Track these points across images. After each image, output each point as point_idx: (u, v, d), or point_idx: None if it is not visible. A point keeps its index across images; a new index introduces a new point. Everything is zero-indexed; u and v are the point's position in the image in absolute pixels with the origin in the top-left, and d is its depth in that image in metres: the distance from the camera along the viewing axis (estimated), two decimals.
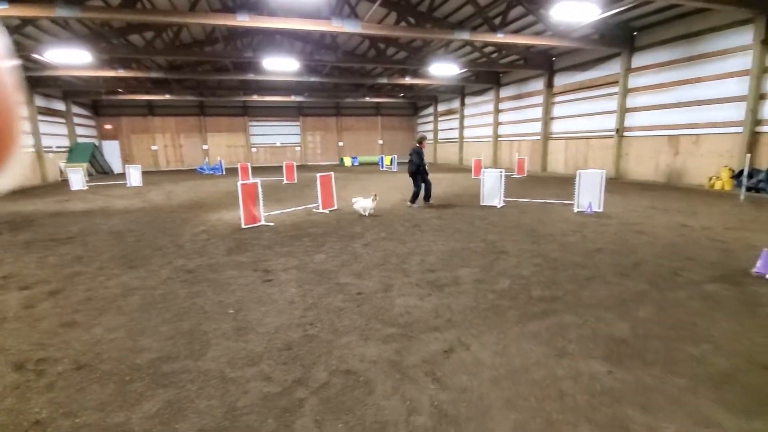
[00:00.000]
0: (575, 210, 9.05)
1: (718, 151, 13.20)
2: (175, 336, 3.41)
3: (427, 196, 10.50)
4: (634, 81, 15.71)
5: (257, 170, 27.33)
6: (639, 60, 15.45)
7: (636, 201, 10.50)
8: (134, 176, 17.65)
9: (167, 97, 26.62)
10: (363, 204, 8.88)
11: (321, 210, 9.57)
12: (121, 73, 17.36)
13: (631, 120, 15.96)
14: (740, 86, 12.34)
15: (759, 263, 4.72)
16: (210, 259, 5.77)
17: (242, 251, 6.14)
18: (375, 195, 8.99)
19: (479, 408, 2.43)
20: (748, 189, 11.15)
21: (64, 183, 17.27)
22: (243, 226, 7.79)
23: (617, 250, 5.84)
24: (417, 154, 9.98)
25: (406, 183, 16.45)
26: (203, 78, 20.38)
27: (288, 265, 5.39)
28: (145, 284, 4.73)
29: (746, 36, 12.08)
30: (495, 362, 2.93)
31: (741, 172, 11.92)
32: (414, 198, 10.29)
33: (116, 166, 28.77)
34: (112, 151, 29.55)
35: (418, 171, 10.07)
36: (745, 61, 12.13)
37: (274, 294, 4.33)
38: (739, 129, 12.36)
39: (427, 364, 2.92)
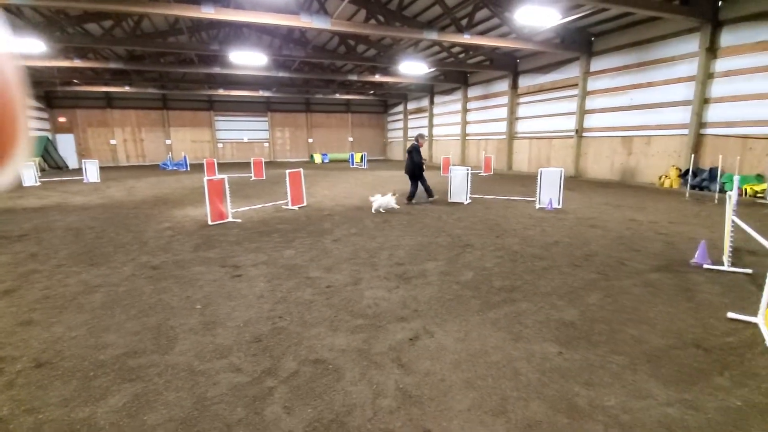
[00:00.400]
0: (537, 206, 9.50)
1: (667, 152, 14.17)
2: (141, 332, 3.38)
3: (430, 193, 10.47)
4: (592, 84, 16.55)
5: (224, 166, 26.67)
6: (597, 64, 16.29)
7: (592, 198, 11.13)
8: (91, 171, 16.81)
9: (127, 89, 25.44)
10: (382, 201, 8.81)
11: (290, 206, 9.54)
12: (77, 63, 16.45)
13: (589, 121, 16.82)
14: (687, 91, 13.28)
15: (697, 254, 5.19)
16: (176, 255, 5.68)
17: (209, 247, 6.07)
18: (394, 191, 9.08)
19: (441, 389, 2.59)
20: (693, 187, 12.07)
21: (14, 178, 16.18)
22: (210, 222, 7.67)
23: (572, 243, 6.22)
24: (417, 151, 9.98)
25: (376, 180, 16.70)
26: (165, 70, 19.62)
27: (257, 260, 5.39)
28: (108, 281, 4.62)
29: (692, 44, 13.01)
30: (457, 347, 3.11)
31: (687, 171, 12.88)
32: (411, 196, 10.28)
33: (71, 161, 27.20)
34: (66, 145, 27.88)
35: (417, 169, 10.03)
36: (692, 67, 13.07)
37: (242, 289, 4.35)
38: (686, 131, 13.32)
39: (394, 351, 3.06)
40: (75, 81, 22.36)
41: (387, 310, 3.80)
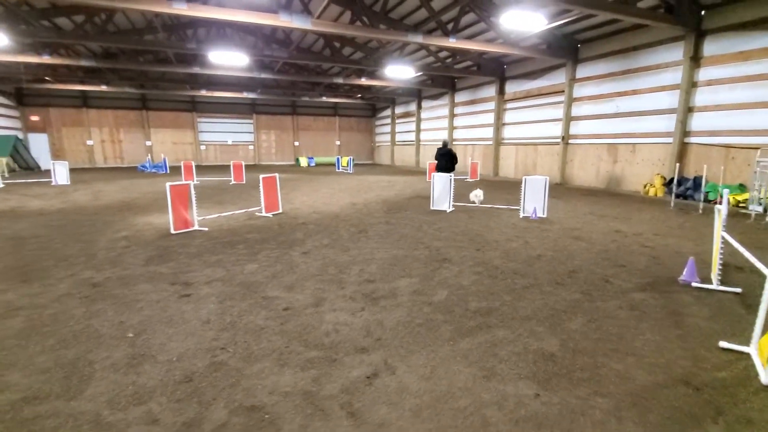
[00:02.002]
0: (521, 215, 9.19)
1: (651, 160, 14.06)
2: (53, 369, 2.89)
3: None
4: (578, 91, 16.44)
5: (206, 169, 25.97)
6: (583, 71, 16.18)
7: (577, 207, 10.89)
8: (60, 173, 16.02)
9: (103, 88, 24.55)
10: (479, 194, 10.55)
11: (264, 214, 9.04)
12: (46, 59, 15.68)
13: (575, 128, 16.69)
14: (671, 99, 13.20)
15: (685, 271, 4.88)
16: (124, 270, 5.15)
17: (164, 261, 5.55)
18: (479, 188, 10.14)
19: None
20: (677, 196, 11.93)
21: None
22: (172, 231, 7.14)
23: (555, 257, 5.89)
24: (451, 155, 11.17)
25: (360, 185, 16.28)
26: (141, 68, 18.93)
27: (213, 276, 4.91)
28: (35, 302, 4.08)
29: (677, 52, 12.93)
30: (420, 388, 2.70)
31: (672, 180, 12.77)
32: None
33: (45, 161, 26.10)
34: (39, 146, 26.79)
35: (450, 168, 10.98)
36: (676, 75, 13.00)
37: (187, 312, 3.86)
38: (670, 139, 13.23)
39: (346, 393, 2.63)
40: (47, 78, 21.45)
41: (347, 339, 3.36)
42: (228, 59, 16.11)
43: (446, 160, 11.01)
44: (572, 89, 16.56)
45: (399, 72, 18.72)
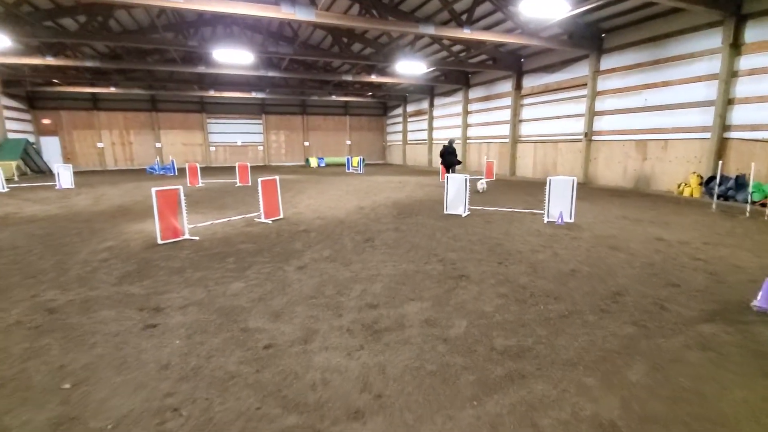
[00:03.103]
0: (545, 220, 8.29)
1: (686, 157, 12.92)
2: None
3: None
4: (602, 84, 15.35)
5: (214, 171, 25.59)
6: (607, 62, 15.09)
7: (607, 209, 9.90)
8: (65, 177, 15.70)
9: (112, 90, 24.38)
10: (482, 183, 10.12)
11: (263, 219, 8.36)
12: (50, 60, 15.37)
13: (599, 124, 15.60)
14: (708, 91, 12.07)
15: (760, 296, 3.96)
16: (91, 290, 4.50)
17: (140, 278, 4.88)
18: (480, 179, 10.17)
19: None
20: (717, 197, 10.81)
21: None
22: (159, 241, 6.49)
23: (593, 273, 5.01)
24: (454, 153, 14.48)
25: (370, 186, 15.52)
26: (146, 68, 18.56)
27: (190, 299, 4.20)
28: None
29: (714, 39, 11.80)
30: None
31: (710, 179, 11.64)
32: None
33: (57, 164, 26.10)
34: (51, 149, 26.86)
35: (452, 163, 14.33)
36: (714, 64, 11.86)
37: (147, 351, 3.15)
38: (708, 135, 12.09)
39: None
40: (55, 81, 21.31)
41: (338, 395, 2.60)
42: (233, 57, 15.55)
43: (453, 156, 14.02)
44: (596, 82, 15.48)
45: (410, 68, 17.90)
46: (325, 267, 5.30)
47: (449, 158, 14.18)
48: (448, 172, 14.23)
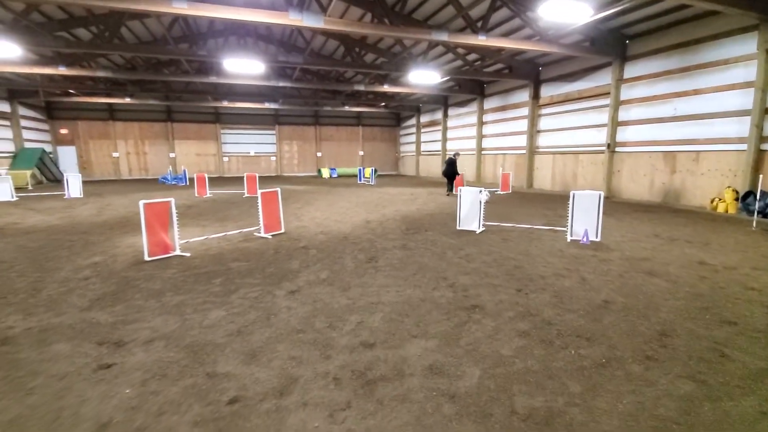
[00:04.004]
0: (568, 238, 7.55)
1: (720, 170, 11.99)
2: None
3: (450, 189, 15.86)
4: (626, 92, 14.56)
5: (226, 181, 25.50)
6: (632, 70, 14.32)
7: (635, 226, 9.08)
8: (74, 186, 15.64)
9: (127, 100, 24.65)
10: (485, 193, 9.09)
11: (262, 234, 7.85)
12: (63, 70, 15.45)
13: (623, 134, 14.76)
14: (744, 99, 11.19)
15: None
16: (57, 316, 4.00)
17: (114, 302, 4.38)
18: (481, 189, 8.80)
19: None
20: (755, 213, 9.87)
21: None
22: (146, 258, 6.02)
23: (630, 305, 4.29)
24: (454, 163, 16.00)
25: (381, 198, 14.96)
26: (162, 79, 18.58)
27: (160, 330, 3.66)
28: None
29: (749, 44, 10.97)
30: None
31: (747, 194, 10.70)
32: (450, 190, 15.84)
33: (66, 173, 26.47)
34: (68, 158, 27.26)
35: (453, 173, 15.85)
36: (749, 71, 11.01)
37: (89, 402, 2.60)
38: (743, 146, 11.17)
39: None
40: (71, 91, 21.59)
41: None
42: (244, 67, 15.38)
43: (453, 167, 15.77)
44: (619, 91, 14.70)
45: (424, 77, 17.44)
46: (320, 292, 4.71)
47: (449, 169, 15.82)
48: (450, 183, 15.95)
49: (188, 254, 6.40)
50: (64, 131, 27.03)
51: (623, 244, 7.18)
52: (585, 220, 7.49)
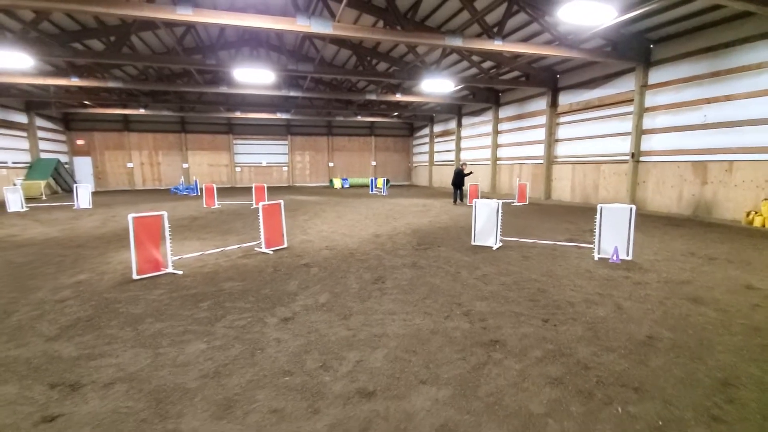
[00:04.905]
0: (596, 256, 6.86)
1: (755, 181, 11.10)
2: None
3: (461, 198, 16.92)
4: (651, 99, 13.80)
5: (237, 191, 25.36)
6: (657, 75, 13.57)
7: (667, 242, 8.31)
8: (83, 197, 15.55)
9: (141, 111, 24.87)
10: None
11: (263, 249, 7.37)
12: (75, 81, 15.51)
13: (649, 143, 13.96)
14: None
15: None
16: (18, 347, 3.55)
17: (86, 329, 3.91)
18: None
19: None
20: None
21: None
22: (134, 276, 5.58)
23: (679, 342, 3.61)
24: (462, 173, 16.88)
25: (392, 209, 14.42)
26: (174, 89, 18.59)
27: (127, 369, 3.15)
28: None
29: None
30: None
31: None
32: (455, 199, 16.80)
33: (87, 184, 26.76)
34: (84, 169, 27.59)
35: (460, 183, 16.79)
36: None
37: None
38: None
39: None
40: (86, 102, 21.83)
41: None
42: (253, 76, 15.18)
43: (460, 178, 16.75)
44: (643, 97, 13.94)
45: (437, 86, 16.98)
46: (317, 320, 4.16)
47: (456, 179, 16.78)
48: (457, 192, 16.81)
49: (180, 272, 5.94)
50: (80, 142, 27.43)
51: (658, 264, 6.45)
52: (614, 236, 6.80)
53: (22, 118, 21.91)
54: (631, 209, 6.64)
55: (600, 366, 3.18)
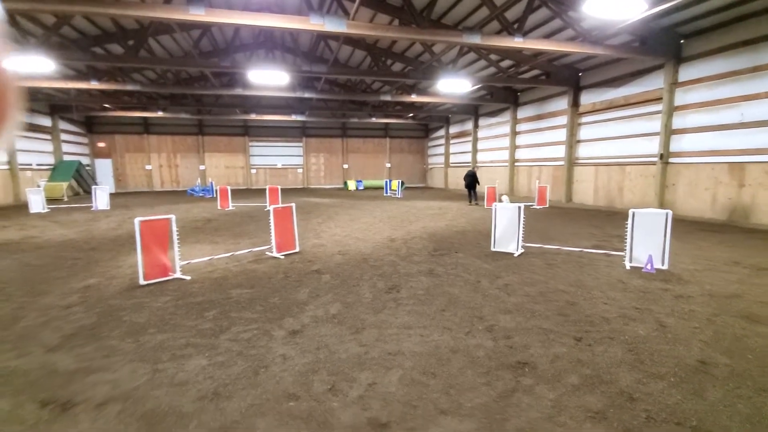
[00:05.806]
0: (627, 265, 6.38)
1: None
2: None
3: (475, 198, 17.33)
4: (681, 97, 13.08)
5: (252, 193, 25.44)
6: (688, 72, 12.86)
7: (705, 250, 7.73)
8: (101, 199, 15.73)
9: (160, 114, 25.22)
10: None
11: (275, 254, 7.14)
12: (95, 85, 15.73)
13: (679, 143, 13.24)
14: None
15: None
16: (17, 357, 3.36)
17: (88, 339, 3.72)
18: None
19: None
20: None
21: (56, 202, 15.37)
22: (141, 282, 5.41)
23: (738, 369, 3.17)
24: (475, 176, 17.32)
25: (407, 212, 14.07)
26: (191, 92, 18.67)
27: (122, 386, 2.92)
28: None
29: None
30: None
31: None
32: (470, 200, 17.36)
33: (109, 186, 27.29)
34: (105, 171, 28.17)
35: (473, 184, 17.15)
36: None
37: None
38: None
39: None
40: (106, 105, 22.22)
41: None
42: (268, 77, 15.10)
43: (472, 180, 17.07)
44: (673, 95, 13.24)
45: (453, 86, 16.58)
46: (327, 334, 3.86)
47: (468, 180, 17.17)
48: (470, 194, 17.25)
49: (188, 277, 5.75)
50: (101, 144, 28.02)
51: (699, 275, 5.93)
52: (647, 243, 6.31)
53: (46, 121, 22.45)
54: (667, 214, 6.14)
55: (648, 397, 2.78)
